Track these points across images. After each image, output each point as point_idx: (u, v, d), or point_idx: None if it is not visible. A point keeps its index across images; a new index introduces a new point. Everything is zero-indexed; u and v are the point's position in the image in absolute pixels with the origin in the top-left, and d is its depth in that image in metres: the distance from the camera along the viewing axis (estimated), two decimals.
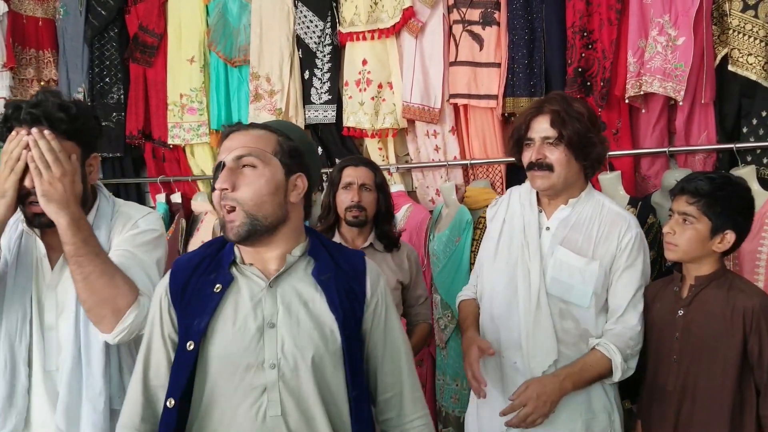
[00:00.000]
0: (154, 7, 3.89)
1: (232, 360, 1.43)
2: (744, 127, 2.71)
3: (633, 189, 2.94)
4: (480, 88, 3.15)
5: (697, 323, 1.95)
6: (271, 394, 1.43)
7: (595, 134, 2.04)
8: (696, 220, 1.94)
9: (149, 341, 1.50)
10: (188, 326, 1.44)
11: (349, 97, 3.43)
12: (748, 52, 2.55)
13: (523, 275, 2.07)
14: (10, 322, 1.70)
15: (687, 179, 2.00)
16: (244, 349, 1.43)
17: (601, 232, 2.04)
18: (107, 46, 4.07)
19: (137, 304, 1.64)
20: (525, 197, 2.17)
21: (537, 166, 2.03)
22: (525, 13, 3.05)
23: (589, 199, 2.10)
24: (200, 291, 1.46)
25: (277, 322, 1.45)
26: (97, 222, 1.77)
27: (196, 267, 1.50)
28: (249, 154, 1.44)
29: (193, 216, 3.89)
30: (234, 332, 1.43)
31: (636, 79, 2.78)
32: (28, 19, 4.15)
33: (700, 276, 1.98)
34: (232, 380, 1.42)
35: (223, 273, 1.48)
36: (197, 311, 1.45)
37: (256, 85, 3.61)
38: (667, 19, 2.70)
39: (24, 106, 1.64)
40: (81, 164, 1.71)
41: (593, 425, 2.03)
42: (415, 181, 3.51)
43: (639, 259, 2.03)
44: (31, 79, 4.15)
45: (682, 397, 1.95)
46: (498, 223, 2.21)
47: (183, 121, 3.84)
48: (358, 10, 3.37)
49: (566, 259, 2.03)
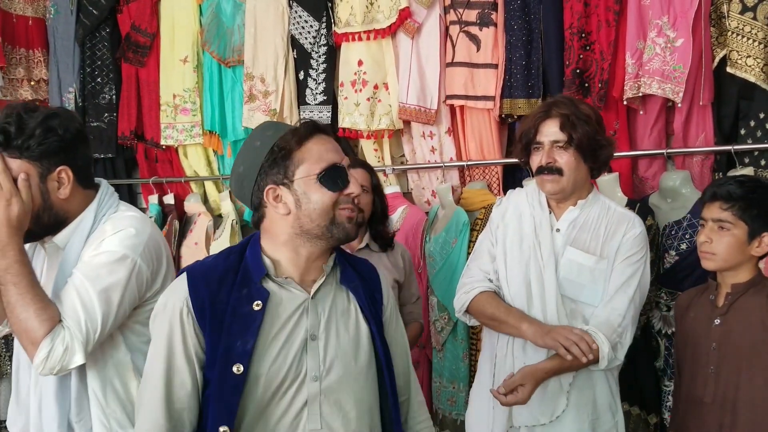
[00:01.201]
0: (146, 6, 3.85)
1: (278, 378, 1.39)
2: (742, 128, 2.71)
3: (631, 191, 2.93)
4: (477, 89, 3.14)
5: (735, 332, 1.90)
6: (312, 407, 1.41)
7: (603, 136, 2.05)
8: (733, 226, 1.90)
9: (169, 360, 1.38)
10: (230, 348, 1.36)
11: (344, 98, 3.41)
12: (746, 54, 2.55)
13: (536, 276, 2.07)
14: None
15: (717, 185, 1.97)
16: (288, 365, 1.40)
17: (608, 231, 2.07)
18: (99, 46, 4.02)
19: (50, 336, 1.53)
20: (533, 198, 2.17)
21: (547, 170, 2.04)
22: (522, 14, 3.04)
23: (596, 200, 2.12)
24: (235, 309, 1.38)
25: (319, 334, 1.44)
26: (73, 238, 1.68)
27: (221, 281, 1.41)
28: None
29: (186, 217, 3.86)
30: (279, 349, 1.40)
31: (634, 81, 2.77)
32: (18, 18, 4.09)
33: (737, 283, 1.94)
34: (275, 397, 1.39)
35: (257, 288, 1.41)
36: (238, 332, 1.37)
37: (251, 86, 3.58)
38: (666, 20, 2.70)
39: None
40: (42, 180, 1.62)
41: (599, 425, 2.05)
42: (411, 182, 3.49)
43: (638, 254, 2.05)
44: (21, 79, 4.09)
45: (723, 410, 1.90)
46: (509, 222, 2.19)
47: (176, 122, 3.81)
48: (353, 11, 3.35)
49: (577, 258, 2.05)
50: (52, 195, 1.64)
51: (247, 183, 1.43)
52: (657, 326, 2.70)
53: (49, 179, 1.63)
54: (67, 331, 1.54)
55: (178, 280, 1.43)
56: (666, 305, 2.67)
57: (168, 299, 1.41)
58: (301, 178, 1.41)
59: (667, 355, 2.67)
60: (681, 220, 2.64)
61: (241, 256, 1.45)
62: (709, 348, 1.95)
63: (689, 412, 2.02)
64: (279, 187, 1.42)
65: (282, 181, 1.41)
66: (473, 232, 3.06)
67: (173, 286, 1.43)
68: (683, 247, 2.60)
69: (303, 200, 1.41)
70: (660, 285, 2.67)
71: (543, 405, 2.03)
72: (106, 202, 1.74)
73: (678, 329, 2.12)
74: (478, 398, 2.23)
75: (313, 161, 1.41)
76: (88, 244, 1.67)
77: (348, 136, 3.44)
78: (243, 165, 1.44)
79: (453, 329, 3.02)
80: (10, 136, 1.58)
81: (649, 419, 2.67)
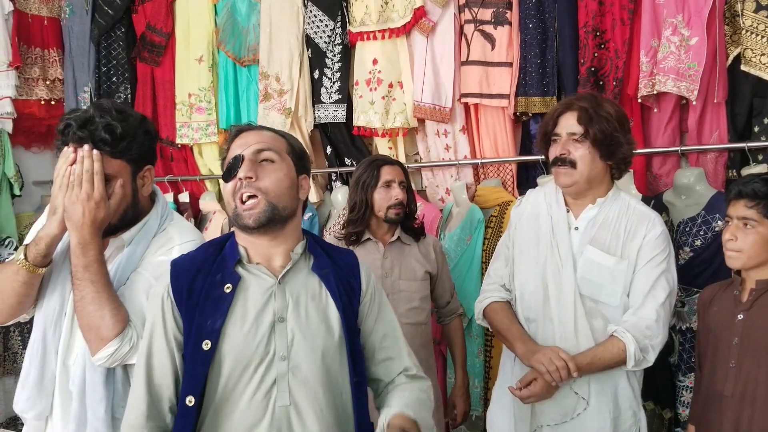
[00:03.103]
0: (161, 6, 3.89)
1: (245, 356, 1.48)
2: (755, 126, 2.73)
3: (645, 188, 2.96)
4: (492, 87, 3.17)
5: (758, 328, 1.91)
6: (281, 384, 1.49)
7: (623, 135, 2.04)
8: (758, 223, 1.91)
9: (150, 343, 1.51)
10: (201, 326, 1.47)
11: (359, 96, 3.44)
12: (761, 52, 2.58)
13: (553, 275, 2.07)
14: (48, 311, 1.72)
15: (742, 182, 1.96)
16: (257, 344, 1.49)
17: (628, 230, 2.05)
18: (114, 46, 4.06)
19: (120, 337, 1.61)
20: (551, 197, 2.17)
21: (560, 162, 2.05)
22: (537, 12, 3.07)
23: (615, 198, 2.11)
24: (209, 292, 1.50)
25: (287, 317, 1.52)
26: (138, 238, 1.76)
27: (199, 269, 1.52)
28: (269, 149, 1.55)
29: (201, 215, 3.89)
30: (247, 329, 1.49)
31: (649, 79, 2.80)
32: (34, 18, 4.13)
33: (762, 279, 1.94)
34: (244, 375, 1.48)
35: (229, 273, 1.52)
36: (209, 311, 1.48)
37: (266, 85, 3.61)
38: (681, 19, 2.72)
39: (73, 125, 1.66)
40: (132, 179, 1.73)
41: (620, 423, 2.05)
42: (425, 180, 3.52)
43: (662, 254, 2.03)
44: (36, 79, 4.12)
45: (741, 404, 1.91)
46: (526, 222, 2.20)
47: (191, 121, 3.84)
48: (368, 10, 3.38)
49: (596, 258, 2.04)
50: (138, 193, 1.76)
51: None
52: (671, 322, 2.72)
53: (138, 177, 1.75)
54: (134, 331, 1.63)
55: (165, 271, 1.55)
56: (680, 301, 2.69)
57: (155, 289, 1.55)
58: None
59: (681, 350, 2.70)
60: (695, 216, 2.66)
61: (221, 248, 1.57)
62: (731, 342, 1.96)
63: (709, 405, 2.03)
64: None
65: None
66: (488, 229, 3.09)
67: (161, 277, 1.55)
68: (697, 243, 2.63)
69: (224, 194, 1.56)
70: None
71: (564, 403, 2.05)
72: (164, 207, 1.85)
73: (700, 323, 2.12)
74: (500, 397, 2.23)
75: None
76: (153, 245, 1.76)
77: (363, 134, 3.47)
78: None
79: (468, 326, 3.04)
80: (117, 138, 1.67)
81: (663, 414, 2.70)
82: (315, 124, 3.59)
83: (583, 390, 2.04)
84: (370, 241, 2.54)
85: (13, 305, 1.70)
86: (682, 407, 2.67)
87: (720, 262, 2.03)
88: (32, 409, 1.73)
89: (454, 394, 2.70)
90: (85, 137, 1.65)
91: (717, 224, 2.56)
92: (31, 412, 1.73)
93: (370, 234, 2.55)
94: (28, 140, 4.24)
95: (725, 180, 2.82)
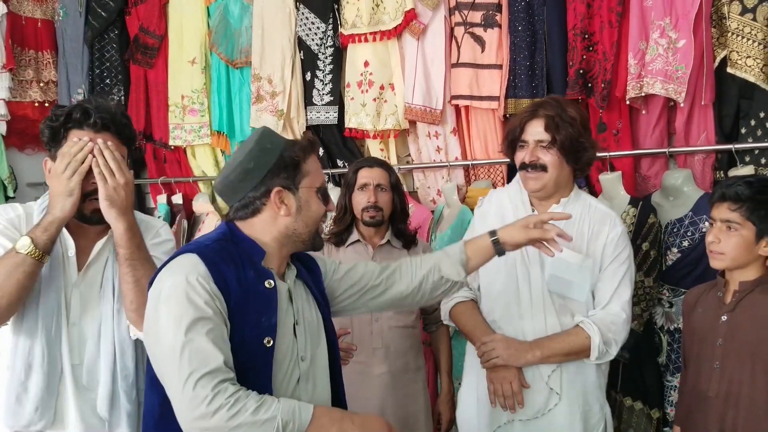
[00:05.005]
0: (154, 8, 3.90)
1: (286, 353, 1.55)
2: (742, 128, 2.74)
3: (633, 189, 2.98)
4: (482, 89, 3.18)
5: (741, 329, 1.93)
6: (303, 384, 1.58)
7: (587, 139, 2.13)
8: (740, 226, 1.92)
9: (204, 323, 1.41)
10: (257, 322, 1.50)
11: (350, 98, 3.46)
12: (746, 54, 2.59)
13: (522, 274, 2.14)
14: (47, 315, 1.73)
15: (725, 185, 1.98)
16: (290, 342, 1.57)
17: (592, 229, 2.15)
18: (107, 48, 4.07)
19: None
20: (516, 198, 2.24)
21: (531, 167, 2.11)
22: (526, 15, 3.08)
23: (577, 198, 2.19)
24: (250, 286, 1.51)
25: (299, 320, 1.61)
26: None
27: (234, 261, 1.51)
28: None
29: (195, 217, 3.91)
30: (287, 327, 1.57)
31: (637, 81, 2.81)
32: (27, 21, 4.15)
33: (745, 281, 1.96)
34: (285, 371, 1.55)
35: (263, 269, 1.55)
36: (260, 308, 1.51)
37: (258, 87, 3.63)
38: (668, 21, 2.74)
39: (92, 111, 1.70)
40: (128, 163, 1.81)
41: (589, 417, 2.13)
42: (417, 181, 3.54)
43: (624, 253, 2.14)
44: (30, 81, 4.14)
45: (726, 405, 1.93)
46: (492, 222, 2.23)
47: (184, 123, 3.86)
48: (359, 12, 3.40)
49: (564, 256, 2.08)
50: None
51: (251, 178, 1.55)
52: (659, 322, 2.74)
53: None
54: None
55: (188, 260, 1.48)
56: (668, 302, 2.71)
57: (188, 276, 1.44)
58: (305, 188, 1.58)
59: (669, 350, 2.71)
60: (683, 217, 2.68)
61: (232, 243, 1.56)
62: (715, 343, 1.97)
63: (694, 406, 2.05)
64: (285, 191, 1.56)
65: (289, 186, 1.56)
66: None
67: (187, 266, 1.47)
68: (685, 244, 2.65)
69: (304, 207, 1.58)
70: (662, 282, 2.71)
71: (537, 398, 2.11)
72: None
73: (685, 324, 2.14)
74: (466, 397, 2.30)
75: (314, 175, 1.60)
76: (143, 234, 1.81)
77: (354, 136, 3.49)
78: (253, 162, 1.54)
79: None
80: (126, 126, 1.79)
81: (651, 414, 2.71)
82: (307, 125, 3.61)
83: (556, 384, 2.11)
84: (360, 243, 2.56)
85: (17, 300, 1.66)
86: (670, 407, 2.69)
87: (707, 263, 2.05)
88: (41, 420, 1.71)
89: (439, 401, 2.72)
90: (108, 120, 1.71)
91: (704, 225, 2.58)
92: (40, 423, 1.71)
93: (360, 236, 2.57)
94: (22, 142, 4.25)
95: (713, 181, 2.83)
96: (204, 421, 1.36)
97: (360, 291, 1.81)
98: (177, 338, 1.39)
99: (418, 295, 1.83)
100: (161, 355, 1.44)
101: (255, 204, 1.56)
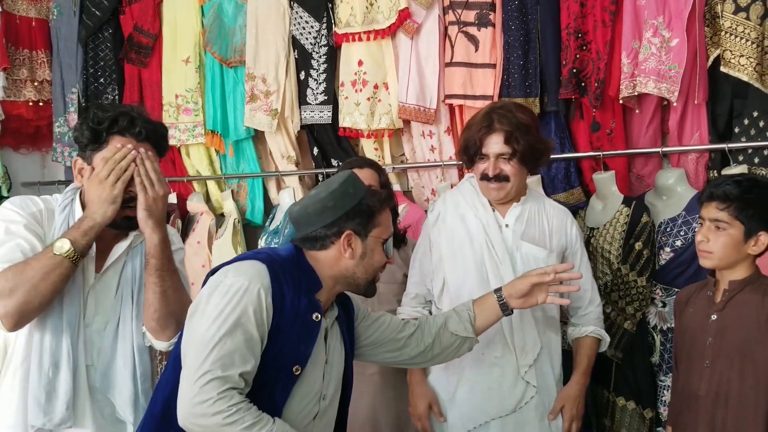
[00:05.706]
0: (148, 7, 3.89)
1: (311, 388, 1.62)
2: (736, 127, 2.74)
3: (627, 188, 2.97)
4: (475, 88, 3.18)
5: (731, 328, 1.94)
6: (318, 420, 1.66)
7: (542, 142, 2.26)
8: (729, 226, 1.93)
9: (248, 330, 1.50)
10: (294, 348, 1.57)
11: (344, 97, 3.45)
12: (740, 53, 2.59)
13: (493, 272, 2.19)
14: (72, 314, 1.74)
15: (714, 185, 1.99)
16: (316, 377, 1.64)
17: (551, 224, 2.29)
18: (102, 47, 4.05)
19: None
20: (473, 198, 2.30)
21: (494, 179, 2.18)
22: (520, 14, 3.07)
23: (531, 195, 2.31)
24: (300, 313, 1.58)
25: (329, 360, 1.69)
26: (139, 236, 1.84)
27: (291, 282, 1.58)
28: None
29: (189, 216, 3.90)
30: (318, 362, 1.64)
31: (630, 80, 2.81)
32: (21, 20, 4.13)
33: (735, 280, 1.97)
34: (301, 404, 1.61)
35: (315, 301, 1.61)
36: (301, 335, 1.58)
37: (252, 86, 3.62)
38: (661, 20, 2.73)
39: (138, 120, 1.72)
40: None
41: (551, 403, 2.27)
42: (411, 181, 3.53)
43: (582, 247, 2.35)
44: (24, 80, 4.12)
45: (716, 404, 1.94)
46: (452, 224, 2.30)
47: (178, 122, 3.84)
48: (353, 11, 3.39)
49: (531, 252, 2.21)
50: None
51: (327, 216, 1.63)
52: (653, 322, 2.74)
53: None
54: None
55: (256, 268, 1.56)
56: (661, 301, 2.71)
57: (250, 283, 1.52)
58: (374, 237, 1.67)
59: (663, 350, 2.71)
60: (676, 217, 2.68)
61: (297, 267, 1.64)
62: (705, 343, 1.98)
63: (684, 405, 2.06)
64: (355, 236, 1.64)
65: (360, 232, 1.65)
66: None
67: (253, 273, 1.55)
68: (678, 243, 2.65)
69: (368, 255, 1.66)
70: (655, 281, 2.70)
71: (514, 393, 2.17)
72: None
73: (677, 324, 2.15)
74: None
75: (384, 227, 1.69)
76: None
77: (348, 135, 3.48)
78: (333, 201, 1.63)
79: None
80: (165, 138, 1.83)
81: (644, 414, 2.71)
82: (301, 125, 3.60)
83: (531, 378, 2.17)
84: None
85: (48, 302, 1.67)
86: (663, 407, 2.69)
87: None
88: (70, 418, 1.72)
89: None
90: (150, 131, 1.74)
91: (697, 225, 2.57)
92: (70, 420, 1.73)
93: None
94: (16, 141, 4.25)
95: (706, 180, 2.83)
96: (201, 419, 1.44)
97: (381, 342, 1.87)
98: (214, 333, 1.47)
99: (429, 354, 1.90)
100: (195, 337, 1.51)
101: (324, 240, 1.64)
